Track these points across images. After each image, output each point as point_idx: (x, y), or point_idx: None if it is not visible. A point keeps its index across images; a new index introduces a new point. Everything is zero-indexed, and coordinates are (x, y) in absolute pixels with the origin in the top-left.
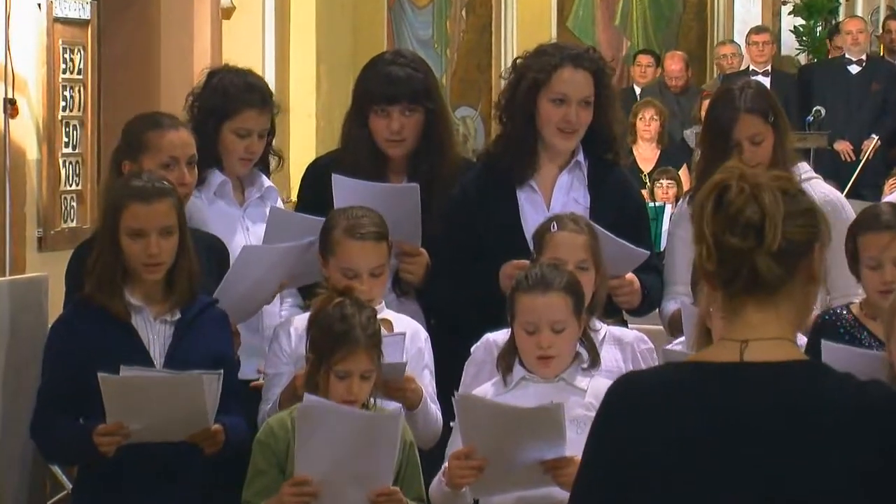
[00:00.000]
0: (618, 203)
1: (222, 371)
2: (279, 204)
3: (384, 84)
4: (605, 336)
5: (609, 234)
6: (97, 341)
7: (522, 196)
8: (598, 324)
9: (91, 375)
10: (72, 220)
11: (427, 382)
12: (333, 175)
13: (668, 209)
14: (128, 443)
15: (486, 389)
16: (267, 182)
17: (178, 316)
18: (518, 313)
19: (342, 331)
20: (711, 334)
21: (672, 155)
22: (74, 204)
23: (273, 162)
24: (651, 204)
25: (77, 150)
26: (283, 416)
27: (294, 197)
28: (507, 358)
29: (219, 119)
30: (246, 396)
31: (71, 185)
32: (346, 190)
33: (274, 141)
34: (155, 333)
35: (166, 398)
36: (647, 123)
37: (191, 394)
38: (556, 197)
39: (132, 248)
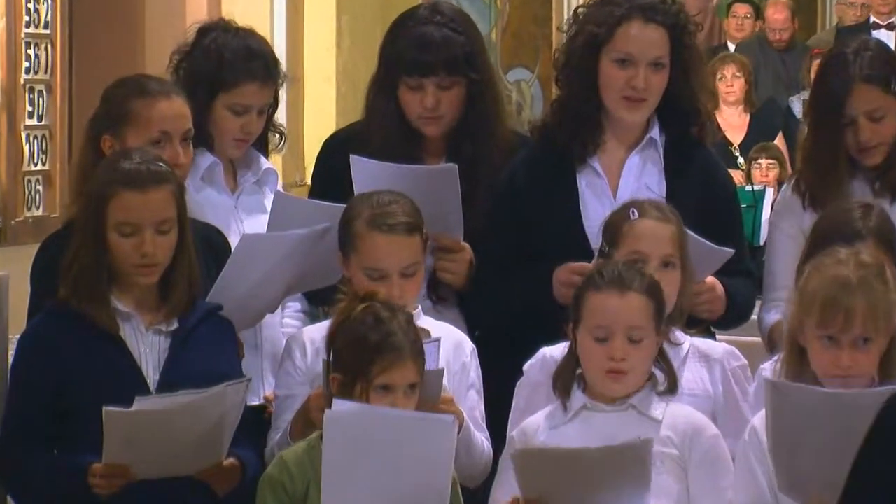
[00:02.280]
0: (702, 191)
1: (251, 378)
2: (280, 189)
3: (416, 49)
4: (688, 351)
5: (684, 229)
6: (78, 357)
7: (583, 180)
8: (681, 336)
9: (70, 398)
10: (37, 208)
11: (474, 404)
12: (352, 157)
13: (770, 194)
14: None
15: (538, 423)
16: (265, 163)
17: (174, 325)
18: (586, 316)
19: (380, 338)
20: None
21: (767, 119)
22: (40, 188)
23: (273, 140)
24: (748, 188)
25: (43, 122)
26: (300, 450)
27: (309, 179)
28: (565, 377)
29: (211, 90)
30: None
31: (36, 165)
32: (367, 174)
33: (277, 114)
34: (147, 346)
35: (182, 428)
36: (730, 83)
37: (209, 417)
38: (624, 182)
39: (122, 246)
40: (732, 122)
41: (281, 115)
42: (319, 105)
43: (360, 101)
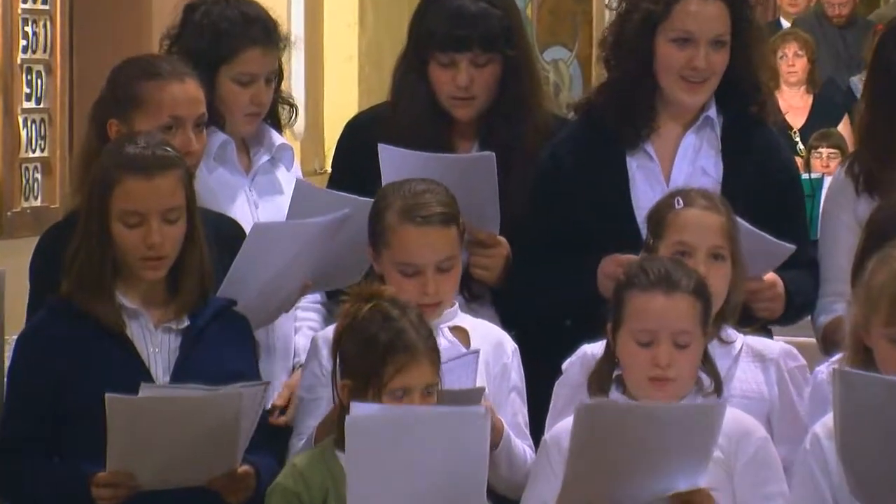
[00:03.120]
0: (762, 174)
1: (269, 382)
2: (296, 167)
3: (450, 23)
4: (741, 350)
5: (741, 221)
6: (81, 357)
7: (633, 164)
8: (732, 334)
9: (73, 401)
10: (35, 198)
11: (516, 409)
12: (380, 146)
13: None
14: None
15: (570, 425)
16: (279, 138)
17: (185, 323)
18: (629, 318)
19: (391, 337)
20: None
21: (829, 101)
22: (39, 176)
23: (284, 113)
24: (805, 177)
25: (42, 105)
26: (314, 457)
27: (329, 166)
28: (602, 378)
29: (212, 66)
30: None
31: (34, 152)
32: (396, 164)
33: (294, 95)
34: (156, 345)
35: (191, 427)
36: (791, 62)
37: (222, 418)
38: (678, 166)
39: (127, 238)
40: (794, 103)
41: (299, 97)
42: (341, 86)
43: (385, 83)
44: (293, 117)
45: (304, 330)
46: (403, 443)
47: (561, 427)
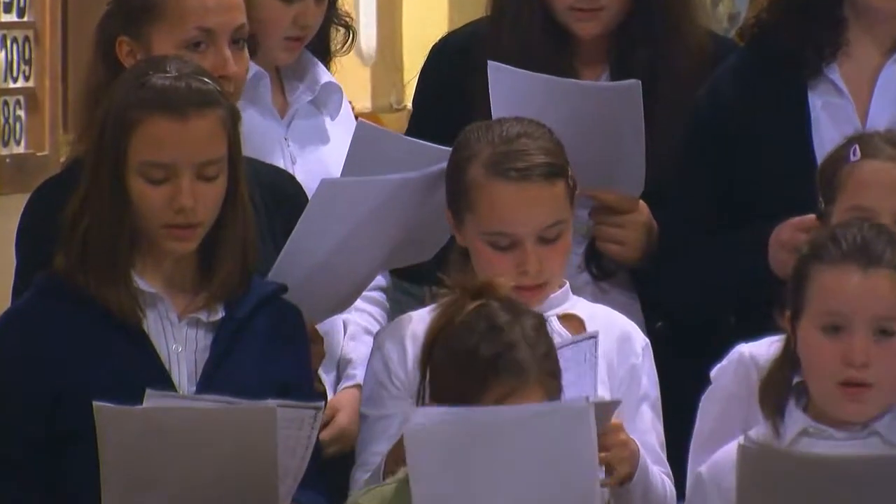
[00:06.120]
0: None
1: (322, 404)
2: (344, 108)
3: None
4: None
5: None
6: (81, 357)
7: (818, 102)
8: None
9: (70, 417)
10: (17, 143)
11: (647, 426)
12: (491, 65)
13: None
14: None
15: (732, 457)
16: (325, 75)
17: (220, 314)
18: (813, 300)
19: (496, 353)
20: None
21: None
22: (22, 114)
23: (338, 37)
24: None
25: (26, 18)
26: (387, 494)
27: (409, 102)
28: (777, 387)
29: None
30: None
31: (16, 81)
32: (513, 90)
33: (359, 8)
34: (181, 343)
35: (211, 452)
36: None
37: (252, 443)
38: (877, 103)
39: (149, 197)
40: None
41: (370, 10)
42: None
43: None
44: (348, 42)
45: (362, 336)
46: (481, 455)
47: (723, 459)
